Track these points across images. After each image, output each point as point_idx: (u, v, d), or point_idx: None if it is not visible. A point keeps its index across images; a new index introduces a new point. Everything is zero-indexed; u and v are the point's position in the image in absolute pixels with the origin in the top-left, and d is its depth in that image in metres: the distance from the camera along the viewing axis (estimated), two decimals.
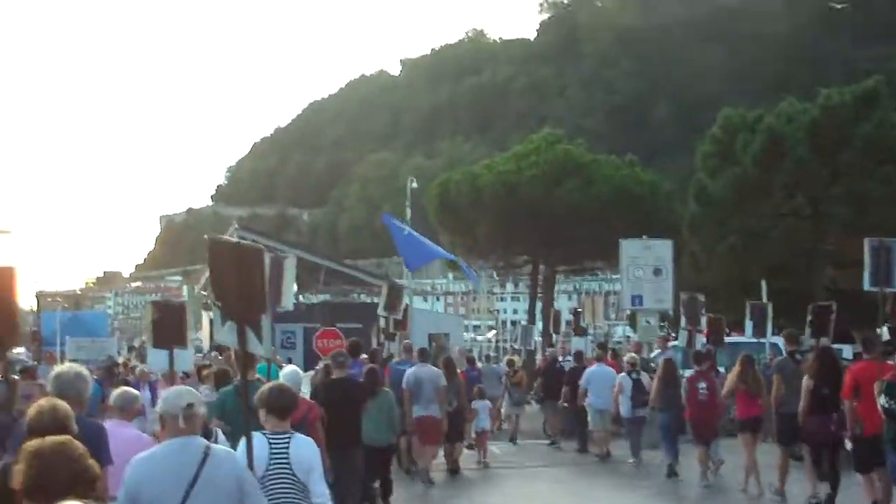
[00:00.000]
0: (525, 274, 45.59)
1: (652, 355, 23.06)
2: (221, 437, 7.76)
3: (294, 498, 6.75)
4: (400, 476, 15.58)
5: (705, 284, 26.97)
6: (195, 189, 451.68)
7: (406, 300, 21.56)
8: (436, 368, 16.09)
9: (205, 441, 5.72)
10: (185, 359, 14.84)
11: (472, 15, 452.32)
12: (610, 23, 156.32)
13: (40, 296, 47.57)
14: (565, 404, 20.84)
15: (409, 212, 45.45)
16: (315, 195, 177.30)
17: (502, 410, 22.90)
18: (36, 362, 28.52)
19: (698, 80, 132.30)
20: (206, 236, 7.39)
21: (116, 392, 8.15)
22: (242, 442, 6.54)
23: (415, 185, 46.55)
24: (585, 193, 34.56)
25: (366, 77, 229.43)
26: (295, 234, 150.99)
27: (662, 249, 23.76)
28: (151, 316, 11.00)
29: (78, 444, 4.13)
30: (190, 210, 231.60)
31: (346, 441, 11.00)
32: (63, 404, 5.59)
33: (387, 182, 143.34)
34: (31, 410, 5.47)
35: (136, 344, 61.71)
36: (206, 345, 44.20)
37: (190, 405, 5.66)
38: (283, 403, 7.11)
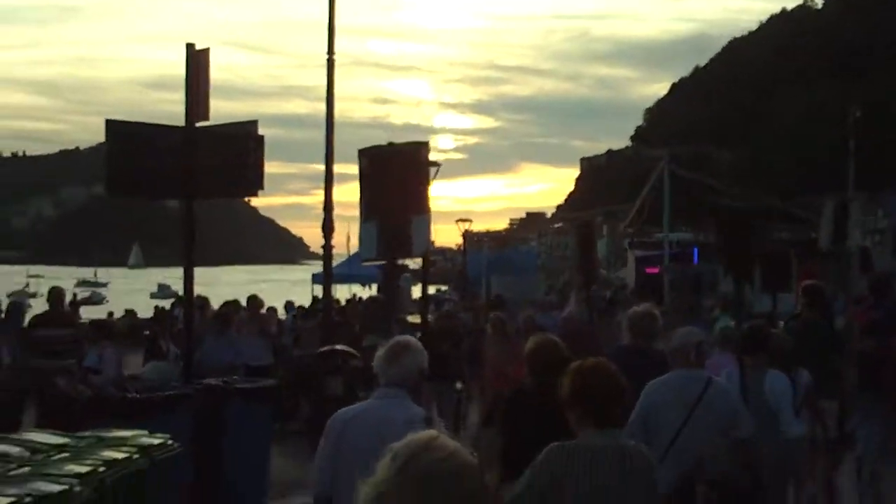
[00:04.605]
0: None
1: None
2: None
3: (767, 429, 7.26)
4: None
5: None
6: (615, 131, 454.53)
7: None
8: None
9: (708, 374, 6.58)
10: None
11: None
12: None
13: (467, 236, 47.48)
14: None
15: (852, 144, 41.38)
16: (736, 135, 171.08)
17: None
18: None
19: None
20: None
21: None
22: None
23: (858, 114, 42.37)
24: None
25: (787, 11, 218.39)
26: (716, 174, 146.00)
27: None
28: None
29: (611, 364, 4.84)
30: (609, 152, 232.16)
31: None
32: (556, 342, 6.61)
33: (812, 119, 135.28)
34: (530, 344, 6.65)
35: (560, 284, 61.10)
36: (630, 283, 42.21)
37: (700, 342, 6.59)
38: (750, 341, 8.02)
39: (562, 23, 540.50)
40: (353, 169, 10.88)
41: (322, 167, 15.64)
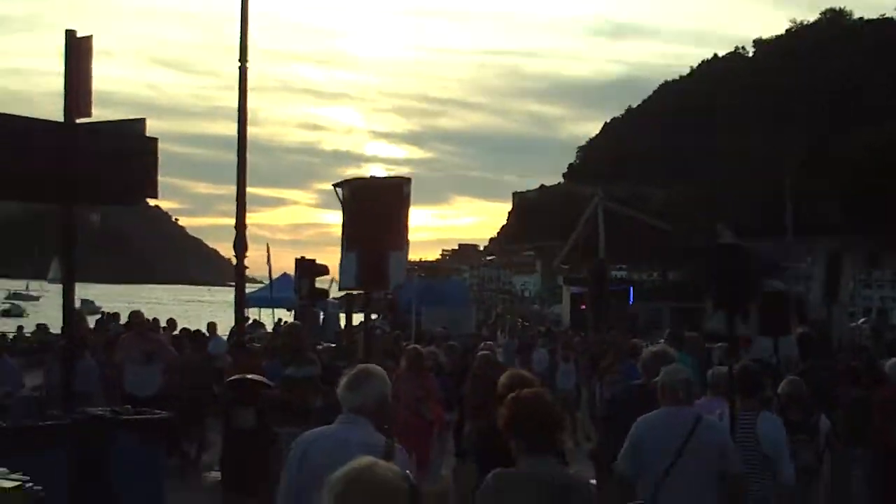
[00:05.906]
0: None
1: None
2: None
3: (758, 471, 7.36)
4: None
5: None
6: (547, 167, 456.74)
7: None
8: None
9: (697, 411, 6.68)
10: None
11: None
12: None
13: None
14: None
15: (788, 185, 41.81)
16: (667, 174, 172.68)
17: None
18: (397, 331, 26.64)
19: None
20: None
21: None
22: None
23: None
24: None
25: (719, 57, 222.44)
26: (647, 211, 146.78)
27: None
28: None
29: (547, 393, 5.07)
30: (542, 187, 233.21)
31: None
32: (529, 379, 6.46)
33: (741, 162, 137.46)
34: (504, 379, 6.51)
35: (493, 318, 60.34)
36: (566, 319, 41.68)
37: (688, 380, 6.66)
38: (743, 383, 7.92)
39: (493, 58, 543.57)
40: (281, 193, 10.13)
41: (253, 190, 14.77)
